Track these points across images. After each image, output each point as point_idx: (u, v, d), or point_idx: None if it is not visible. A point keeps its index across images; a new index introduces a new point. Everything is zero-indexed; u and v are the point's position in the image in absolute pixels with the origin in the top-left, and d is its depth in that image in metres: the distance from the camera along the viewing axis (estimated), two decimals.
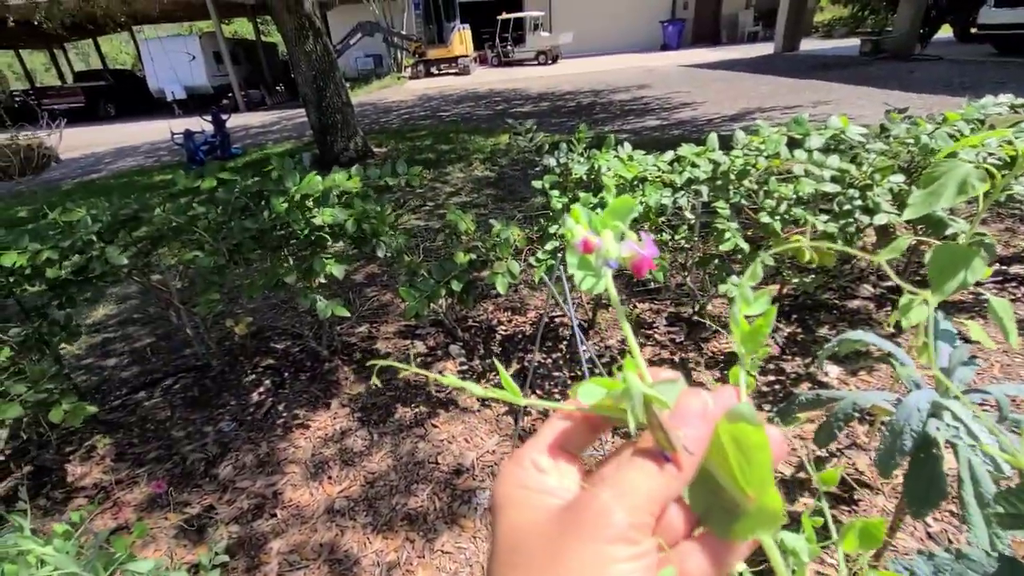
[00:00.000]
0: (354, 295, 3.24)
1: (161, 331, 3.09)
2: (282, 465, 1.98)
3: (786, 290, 2.63)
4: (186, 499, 1.87)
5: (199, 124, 8.26)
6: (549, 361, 2.41)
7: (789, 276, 2.24)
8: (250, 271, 2.35)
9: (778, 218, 1.89)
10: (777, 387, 2.09)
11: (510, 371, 2.38)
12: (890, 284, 2.65)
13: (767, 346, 2.29)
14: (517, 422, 2.05)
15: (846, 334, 1.06)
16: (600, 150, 2.16)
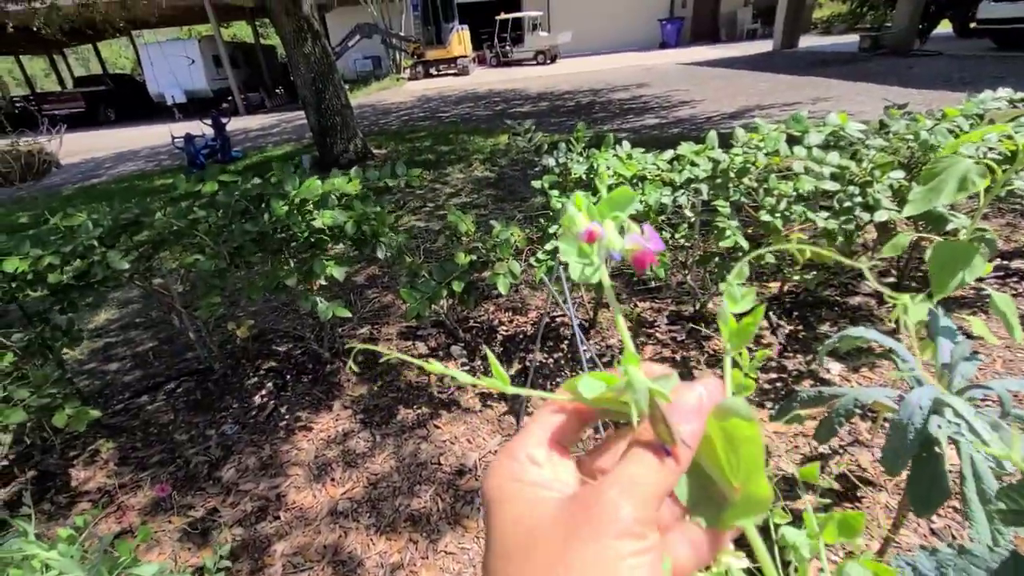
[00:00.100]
0: (355, 297, 3.24)
1: (163, 335, 3.10)
2: (285, 467, 1.98)
3: (787, 287, 2.63)
4: (190, 502, 1.87)
5: (199, 128, 8.28)
6: (551, 361, 2.41)
7: (790, 273, 2.24)
8: (251, 274, 2.35)
9: (778, 216, 1.89)
10: (779, 384, 2.09)
11: (511, 371, 2.38)
12: (891, 280, 2.64)
13: (766, 348, 2.29)
14: (519, 422, 2.05)
15: (847, 330, 1.06)
16: (599, 149, 2.16)
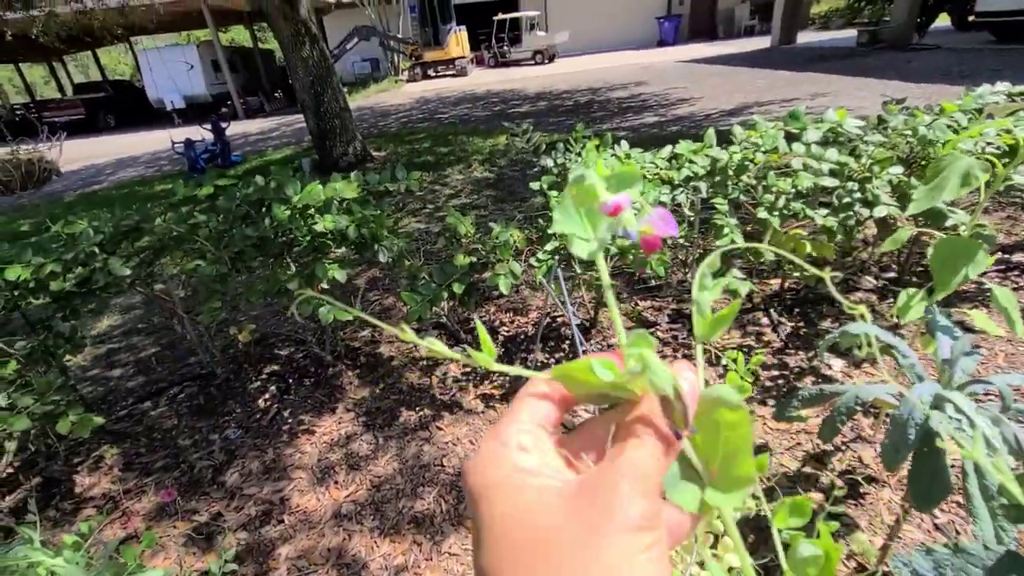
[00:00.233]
0: (356, 300, 3.24)
1: (165, 340, 3.10)
2: (289, 471, 1.99)
3: (788, 284, 2.63)
4: (194, 507, 1.88)
5: (199, 133, 8.29)
6: (552, 361, 2.41)
7: (791, 270, 2.24)
8: (252, 278, 2.36)
9: (776, 213, 1.89)
10: (780, 381, 2.08)
11: None
12: (891, 276, 2.64)
13: (766, 346, 2.28)
14: None
15: (848, 326, 1.06)
16: (597, 149, 2.16)
